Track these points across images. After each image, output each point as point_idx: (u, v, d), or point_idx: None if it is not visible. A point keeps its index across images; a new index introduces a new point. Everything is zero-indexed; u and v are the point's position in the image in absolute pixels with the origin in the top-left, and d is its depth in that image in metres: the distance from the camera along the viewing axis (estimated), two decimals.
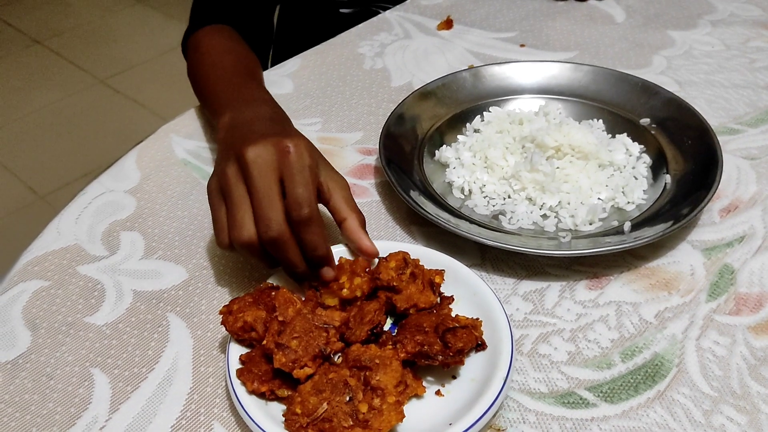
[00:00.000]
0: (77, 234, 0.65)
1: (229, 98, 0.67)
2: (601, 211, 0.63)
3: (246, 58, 0.78)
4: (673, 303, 0.57)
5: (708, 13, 0.95)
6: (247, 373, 0.49)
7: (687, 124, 0.69)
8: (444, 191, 0.67)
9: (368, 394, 0.47)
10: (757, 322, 0.55)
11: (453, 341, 0.49)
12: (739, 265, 0.59)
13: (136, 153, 0.74)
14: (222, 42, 0.80)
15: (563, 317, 0.56)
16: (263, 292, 0.53)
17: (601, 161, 0.67)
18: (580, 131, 0.67)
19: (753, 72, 0.84)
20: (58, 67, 2.53)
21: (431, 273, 0.54)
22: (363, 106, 0.80)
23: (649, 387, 0.51)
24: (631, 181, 0.66)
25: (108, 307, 0.58)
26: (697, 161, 0.66)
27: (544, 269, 0.60)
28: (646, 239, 0.58)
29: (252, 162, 0.52)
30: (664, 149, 0.69)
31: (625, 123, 0.73)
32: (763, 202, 0.66)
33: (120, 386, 0.52)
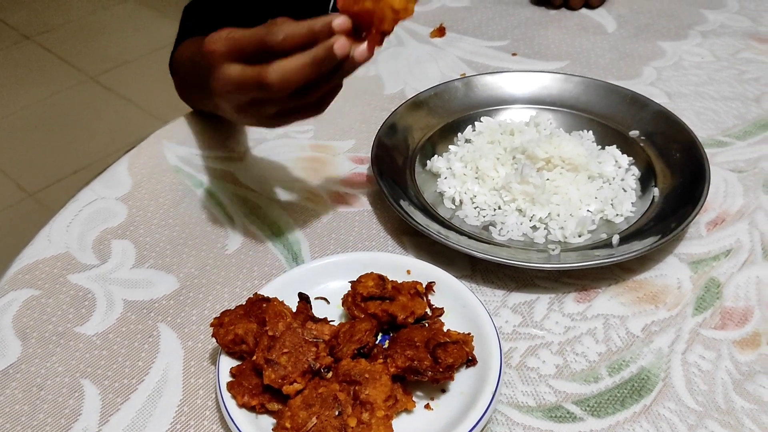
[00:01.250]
0: (68, 242, 0.64)
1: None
2: (590, 223, 0.64)
3: None
4: (659, 317, 0.57)
5: (698, 23, 0.96)
6: (238, 386, 0.49)
7: (675, 138, 0.70)
8: (435, 201, 0.68)
9: (357, 408, 0.47)
10: (742, 337, 0.55)
11: (443, 357, 0.49)
12: (725, 279, 0.60)
13: (127, 160, 0.74)
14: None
15: (552, 330, 0.57)
16: (254, 303, 0.53)
17: (591, 173, 0.68)
18: (570, 143, 0.68)
19: (742, 84, 0.84)
20: (49, 64, 2.52)
21: (411, 284, 0.55)
22: (356, 114, 0.81)
23: (636, 401, 0.51)
24: (620, 194, 0.67)
25: (98, 317, 0.58)
26: (684, 175, 0.66)
27: (533, 281, 0.61)
28: (634, 253, 0.58)
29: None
30: (652, 162, 0.69)
31: (614, 135, 0.73)
32: (749, 215, 0.66)
33: (110, 397, 0.52)
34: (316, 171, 0.73)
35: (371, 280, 0.55)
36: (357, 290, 0.55)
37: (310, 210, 0.68)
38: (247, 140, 0.77)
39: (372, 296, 0.54)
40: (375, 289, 0.54)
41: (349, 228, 0.66)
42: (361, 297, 0.54)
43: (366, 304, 0.54)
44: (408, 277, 0.58)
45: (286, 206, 0.68)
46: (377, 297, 0.54)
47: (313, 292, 0.57)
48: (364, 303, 0.54)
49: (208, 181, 0.71)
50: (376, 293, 0.54)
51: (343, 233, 0.66)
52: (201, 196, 0.70)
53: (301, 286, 0.57)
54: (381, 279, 0.55)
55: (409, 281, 0.56)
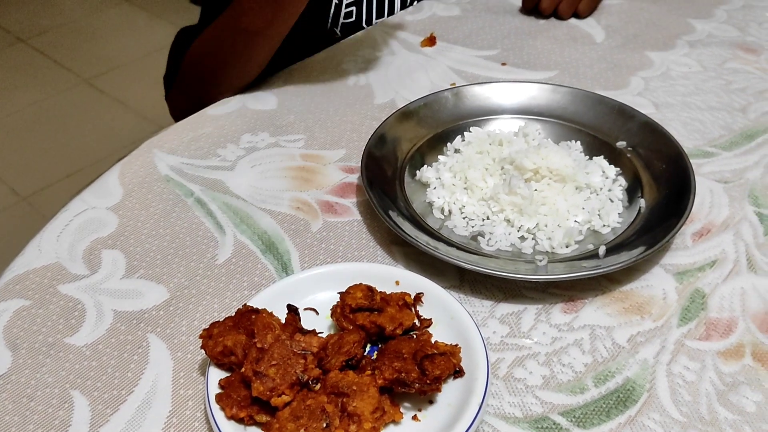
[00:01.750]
0: (58, 252, 0.65)
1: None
2: (577, 233, 0.65)
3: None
4: (645, 327, 0.58)
5: (686, 33, 0.97)
6: (227, 398, 0.49)
7: (661, 149, 0.71)
8: (424, 211, 0.68)
9: (345, 420, 0.47)
10: (727, 348, 0.56)
11: (430, 369, 0.50)
12: (710, 289, 0.61)
13: (118, 169, 0.74)
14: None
15: (539, 341, 0.57)
16: (243, 315, 0.54)
17: (578, 184, 0.68)
18: (558, 154, 0.68)
19: (729, 94, 0.85)
20: (42, 66, 2.52)
21: (400, 295, 0.56)
22: (346, 123, 0.81)
23: (621, 412, 0.52)
24: (607, 204, 0.67)
25: (88, 328, 0.58)
26: (670, 186, 0.67)
27: (521, 292, 0.61)
28: (620, 264, 0.59)
29: None
30: (639, 173, 0.70)
31: (602, 145, 0.74)
32: (735, 226, 0.67)
33: (99, 408, 0.52)
34: (307, 180, 0.73)
35: (360, 292, 0.56)
36: (346, 301, 0.55)
37: (300, 220, 0.68)
38: (237, 149, 0.77)
39: (361, 307, 0.55)
40: (364, 300, 0.55)
41: (339, 238, 0.67)
42: (349, 308, 0.55)
43: (354, 315, 0.54)
44: (397, 287, 0.58)
45: (276, 216, 0.69)
46: (366, 308, 0.55)
47: (302, 303, 0.57)
48: (353, 314, 0.54)
49: (198, 191, 0.72)
50: (364, 304, 0.55)
51: (333, 243, 0.66)
52: (191, 205, 0.70)
53: (291, 297, 0.57)
54: (370, 290, 0.56)
55: (398, 292, 0.57)
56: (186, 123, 0.81)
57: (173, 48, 0.94)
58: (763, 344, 0.56)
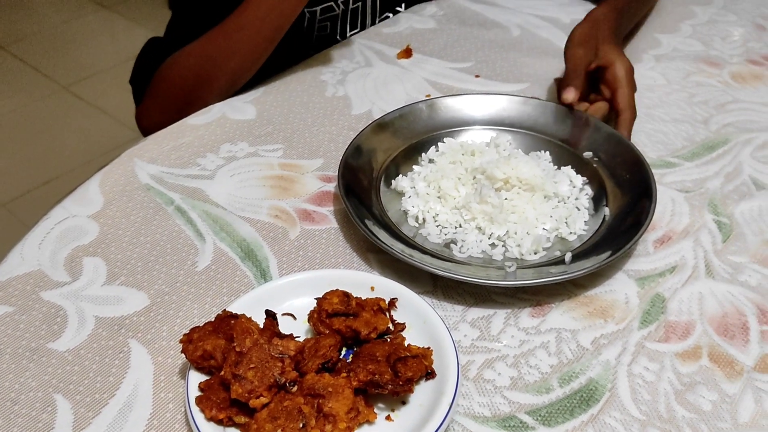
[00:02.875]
0: (40, 259, 0.66)
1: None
2: (545, 241, 0.67)
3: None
4: (608, 330, 0.61)
5: (653, 48, 1.01)
6: (206, 400, 0.51)
7: (625, 159, 0.74)
8: (399, 219, 0.71)
9: (321, 420, 0.50)
10: (684, 349, 0.59)
11: (403, 371, 0.52)
12: (670, 294, 0.64)
13: (99, 177, 0.76)
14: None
15: (507, 344, 0.60)
16: (223, 320, 0.56)
17: (547, 193, 0.71)
18: (527, 164, 0.71)
19: (692, 106, 0.89)
20: (20, 73, 2.51)
21: (374, 301, 0.58)
22: (324, 133, 0.83)
23: (584, 411, 0.54)
24: (574, 212, 0.70)
25: (70, 333, 0.60)
26: (633, 195, 0.70)
27: (491, 297, 0.64)
28: (585, 270, 0.62)
29: None
30: (604, 182, 0.73)
31: (569, 156, 0.77)
32: (695, 233, 0.70)
33: (82, 412, 0.54)
34: (285, 189, 0.75)
35: (336, 297, 0.58)
36: (322, 306, 0.57)
37: (278, 228, 0.70)
38: (217, 158, 0.79)
39: (337, 312, 0.57)
40: (340, 305, 0.57)
41: (317, 245, 0.69)
42: (326, 313, 0.57)
43: (331, 320, 0.57)
44: (372, 293, 0.60)
45: (255, 224, 0.71)
46: (342, 313, 0.57)
47: (280, 309, 0.59)
48: (329, 319, 0.57)
49: (179, 199, 0.73)
50: (340, 309, 0.57)
51: (310, 250, 0.68)
52: (172, 213, 0.72)
53: (269, 302, 0.59)
54: (346, 296, 0.58)
55: (373, 298, 0.59)
56: (166, 132, 0.83)
57: (141, 57, 0.94)
58: (719, 346, 0.59)
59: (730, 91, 0.92)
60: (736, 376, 0.57)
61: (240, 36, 0.83)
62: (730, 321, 0.61)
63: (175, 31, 0.95)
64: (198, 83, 0.85)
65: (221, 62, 0.85)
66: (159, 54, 0.91)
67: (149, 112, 0.91)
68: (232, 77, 0.87)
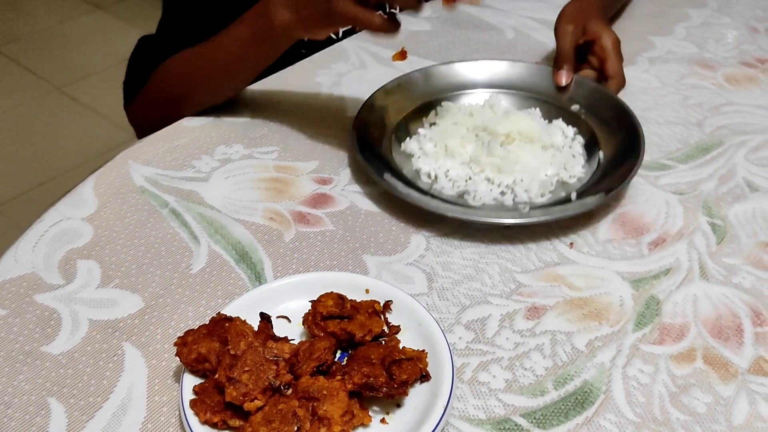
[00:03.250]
0: (34, 262, 0.66)
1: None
2: (549, 185, 0.74)
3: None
4: (602, 332, 0.61)
5: (647, 50, 1.01)
6: (201, 403, 0.51)
7: (610, 107, 0.81)
8: (413, 177, 0.76)
9: (315, 423, 0.49)
10: (679, 352, 0.59)
11: (398, 373, 0.52)
12: (664, 296, 0.64)
13: (93, 180, 0.76)
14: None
15: (502, 346, 0.60)
16: (217, 323, 0.56)
17: (544, 143, 0.77)
18: (525, 119, 0.78)
19: (686, 108, 0.89)
20: (14, 74, 2.50)
21: (369, 303, 0.58)
22: (319, 135, 0.83)
23: (578, 413, 0.54)
24: (570, 159, 0.77)
25: (64, 337, 0.59)
26: (622, 136, 0.77)
27: (486, 299, 0.64)
28: (596, 202, 0.70)
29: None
30: (595, 130, 0.80)
31: (558, 110, 0.84)
32: (689, 236, 0.70)
33: (76, 415, 0.54)
34: (280, 191, 0.75)
35: (331, 300, 0.58)
36: (317, 309, 0.57)
37: (273, 230, 0.70)
38: (212, 161, 0.79)
39: (331, 315, 0.57)
40: (334, 308, 0.57)
41: (311, 247, 0.69)
42: (320, 316, 0.57)
43: (326, 322, 0.56)
44: (367, 296, 0.60)
45: (250, 226, 0.70)
46: (336, 316, 0.57)
47: (274, 311, 0.59)
48: (324, 322, 0.57)
49: (173, 202, 0.73)
50: (335, 312, 0.57)
51: (305, 253, 0.68)
52: (166, 216, 0.71)
53: (264, 305, 0.59)
54: (340, 298, 0.58)
55: (368, 300, 0.59)
56: (161, 134, 0.82)
57: (134, 56, 0.94)
58: (713, 348, 0.60)
59: (724, 94, 0.92)
60: (730, 379, 0.57)
61: (213, 72, 0.82)
62: (725, 323, 0.62)
63: (166, 29, 0.94)
64: (177, 100, 0.85)
65: (195, 86, 0.84)
66: (151, 54, 0.91)
67: (141, 112, 0.91)
68: (201, 104, 0.86)
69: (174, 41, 0.87)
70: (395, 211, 0.73)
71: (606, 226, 0.71)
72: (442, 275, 0.66)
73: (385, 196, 0.74)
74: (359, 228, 0.71)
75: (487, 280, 0.65)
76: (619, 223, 0.72)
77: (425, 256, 0.68)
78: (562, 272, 0.66)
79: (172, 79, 0.85)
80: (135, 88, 0.91)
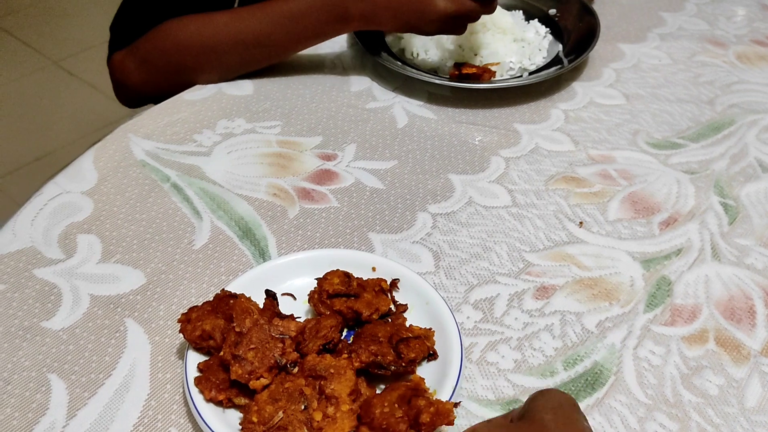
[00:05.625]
0: (33, 236, 0.64)
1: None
2: (508, 68, 0.88)
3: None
4: (613, 313, 0.60)
5: (657, 26, 0.99)
6: (205, 381, 0.50)
7: (581, 14, 0.93)
8: (399, 54, 0.89)
9: (323, 402, 0.48)
10: (691, 333, 0.58)
11: (405, 351, 0.51)
12: (676, 277, 0.63)
13: (92, 153, 0.74)
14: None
15: (511, 326, 0.59)
16: (222, 299, 0.54)
17: (516, 36, 0.90)
18: (501, 13, 0.90)
19: (697, 86, 0.87)
20: (10, 47, 2.46)
21: (376, 281, 0.57)
22: (323, 110, 0.82)
23: (589, 394, 0.54)
24: (536, 51, 0.90)
25: (65, 312, 0.58)
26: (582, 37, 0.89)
27: (494, 278, 0.63)
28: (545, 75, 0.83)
29: None
30: (561, 31, 0.94)
31: (538, 12, 0.96)
32: (700, 215, 0.69)
33: (77, 392, 0.53)
34: (283, 167, 0.74)
35: (337, 278, 0.56)
36: (323, 287, 0.56)
37: (277, 206, 0.69)
38: (214, 135, 0.77)
39: (338, 293, 0.55)
40: (341, 286, 0.56)
41: (316, 224, 0.67)
42: (327, 294, 0.55)
43: (332, 300, 0.55)
44: (373, 274, 0.59)
45: (253, 202, 0.69)
46: (343, 294, 0.55)
47: (279, 289, 0.58)
48: (330, 300, 0.55)
49: (175, 176, 0.72)
50: (341, 290, 0.55)
51: (309, 230, 0.67)
52: (168, 191, 0.70)
53: (268, 282, 0.58)
54: (347, 276, 0.57)
55: (374, 278, 0.58)
56: (161, 108, 0.81)
57: (126, 2, 0.89)
58: (726, 330, 0.59)
59: (736, 72, 0.90)
60: (742, 361, 0.56)
61: (256, 51, 0.82)
62: (737, 305, 0.61)
63: None
64: (194, 68, 0.83)
65: (225, 61, 0.82)
66: (146, 6, 0.86)
67: (133, 71, 0.85)
68: (228, 74, 0.84)
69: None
70: (401, 188, 0.71)
71: (616, 205, 0.70)
72: (449, 254, 0.65)
73: (390, 173, 0.73)
74: (364, 205, 0.69)
75: (495, 259, 0.64)
76: (630, 202, 0.71)
77: (432, 234, 0.67)
78: (571, 251, 0.65)
79: (191, 46, 0.81)
80: (125, 36, 0.86)
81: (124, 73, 0.85)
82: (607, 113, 0.83)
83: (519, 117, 0.82)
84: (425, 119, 0.81)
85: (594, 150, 0.77)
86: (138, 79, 0.84)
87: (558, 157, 0.76)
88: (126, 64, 0.85)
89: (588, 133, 0.80)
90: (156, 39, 0.82)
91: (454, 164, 0.75)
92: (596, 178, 0.73)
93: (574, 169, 0.75)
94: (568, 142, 0.78)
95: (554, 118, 0.82)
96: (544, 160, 0.76)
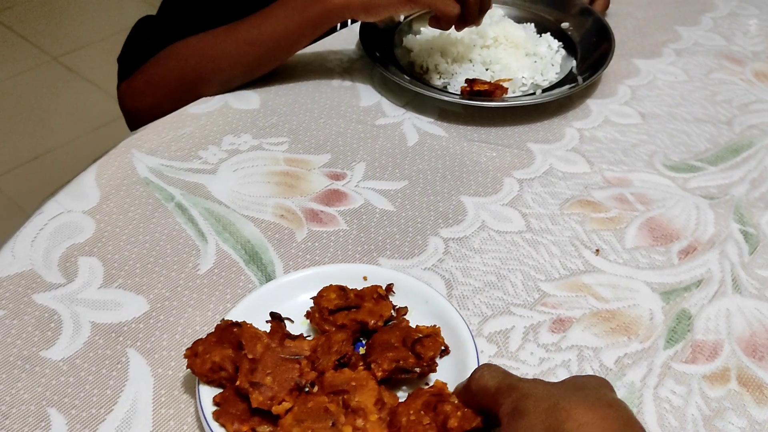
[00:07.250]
0: (33, 258, 0.62)
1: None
2: (521, 84, 0.85)
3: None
4: (632, 349, 0.58)
5: (673, 41, 0.97)
6: (225, 414, 0.48)
7: (595, 28, 0.91)
8: (407, 67, 0.88)
9: (350, 416, 0.48)
10: (712, 371, 0.56)
11: (423, 351, 0.51)
12: (696, 310, 0.61)
13: (95, 170, 0.72)
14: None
15: (527, 361, 0.57)
16: (225, 329, 0.53)
17: (528, 51, 0.88)
18: (514, 27, 0.89)
19: (714, 105, 0.85)
20: (9, 43, 2.43)
21: (373, 289, 0.56)
22: (331, 126, 0.79)
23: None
24: (548, 67, 0.87)
25: (65, 341, 0.56)
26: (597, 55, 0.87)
27: (509, 309, 0.61)
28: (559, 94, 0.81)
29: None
30: (576, 46, 0.91)
31: (550, 25, 0.94)
32: (721, 244, 0.67)
33: (77, 428, 0.51)
34: (291, 186, 0.71)
35: (333, 293, 0.56)
36: (321, 305, 0.55)
37: (284, 228, 0.67)
38: (219, 151, 0.75)
39: (338, 308, 0.54)
40: (339, 300, 0.55)
41: (324, 248, 0.65)
42: (327, 311, 0.54)
43: (334, 316, 0.55)
44: (365, 283, 0.58)
45: (260, 224, 0.67)
46: (343, 308, 0.55)
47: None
48: (332, 315, 0.54)
49: (179, 195, 0.69)
50: (341, 304, 0.55)
51: (318, 254, 0.65)
52: (172, 210, 0.68)
53: (263, 308, 0.56)
54: (342, 290, 0.56)
55: (370, 286, 0.57)
56: (165, 121, 0.78)
57: (133, 36, 0.92)
58: (748, 368, 0.57)
59: (754, 91, 0.88)
60: (765, 402, 0.54)
61: (249, 49, 0.80)
62: (758, 341, 0.59)
63: (169, 10, 0.91)
64: (196, 80, 0.82)
65: (223, 67, 0.81)
66: (152, 34, 0.87)
67: (139, 95, 0.87)
68: (229, 83, 0.83)
69: (177, 23, 0.84)
70: (411, 210, 0.69)
71: (633, 232, 0.68)
72: (462, 282, 0.63)
73: (401, 194, 0.71)
74: (374, 228, 0.67)
75: (509, 288, 0.62)
76: (647, 229, 0.69)
77: (444, 261, 0.65)
78: (588, 281, 0.63)
79: (191, 59, 0.81)
80: (131, 67, 0.88)
81: (133, 98, 0.85)
82: (623, 133, 0.81)
83: (532, 136, 0.80)
84: (436, 137, 0.79)
85: (610, 172, 0.75)
86: (146, 102, 0.83)
87: (573, 179, 0.74)
88: (133, 89, 0.85)
89: (603, 154, 0.78)
90: (159, 58, 0.83)
91: (466, 185, 0.73)
92: (613, 202, 0.71)
93: (590, 192, 0.73)
94: (583, 163, 0.76)
95: (569, 137, 0.80)
96: (559, 183, 0.74)
